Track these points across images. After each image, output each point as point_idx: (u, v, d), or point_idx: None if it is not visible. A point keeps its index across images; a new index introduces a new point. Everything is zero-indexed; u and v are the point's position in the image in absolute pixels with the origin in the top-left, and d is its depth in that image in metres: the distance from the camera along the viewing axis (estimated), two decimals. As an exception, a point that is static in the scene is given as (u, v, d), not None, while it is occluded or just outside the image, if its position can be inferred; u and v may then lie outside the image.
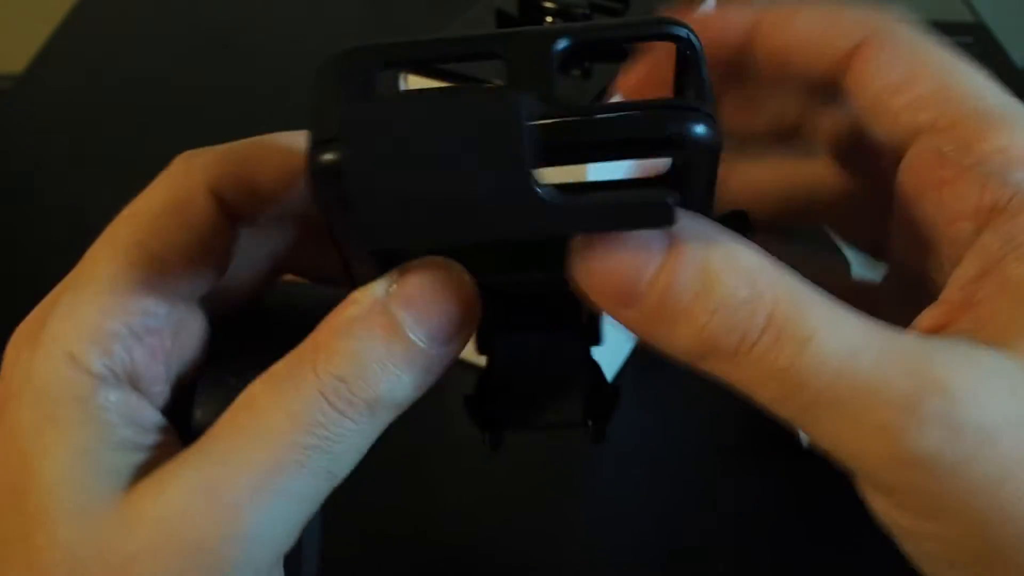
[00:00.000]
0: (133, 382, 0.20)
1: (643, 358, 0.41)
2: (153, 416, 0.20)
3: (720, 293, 0.16)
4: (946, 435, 0.15)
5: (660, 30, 0.17)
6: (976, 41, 0.47)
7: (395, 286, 0.18)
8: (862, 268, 0.23)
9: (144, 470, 0.19)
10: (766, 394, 0.16)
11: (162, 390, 0.20)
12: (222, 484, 0.18)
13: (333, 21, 0.65)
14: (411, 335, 0.18)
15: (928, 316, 0.17)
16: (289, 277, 0.23)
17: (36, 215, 0.51)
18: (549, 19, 0.32)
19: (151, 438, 0.19)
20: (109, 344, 0.19)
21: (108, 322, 0.19)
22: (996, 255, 0.17)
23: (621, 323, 0.17)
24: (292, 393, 0.18)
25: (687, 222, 0.16)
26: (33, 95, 0.60)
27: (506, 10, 0.33)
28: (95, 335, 0.19)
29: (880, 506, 0.17)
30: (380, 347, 0.18)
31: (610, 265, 0.16)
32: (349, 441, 0.18)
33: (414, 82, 0.32)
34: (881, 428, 0.15)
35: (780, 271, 0.16)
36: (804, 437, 0.36)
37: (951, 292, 0.17)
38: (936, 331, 0.17)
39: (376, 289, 0.18)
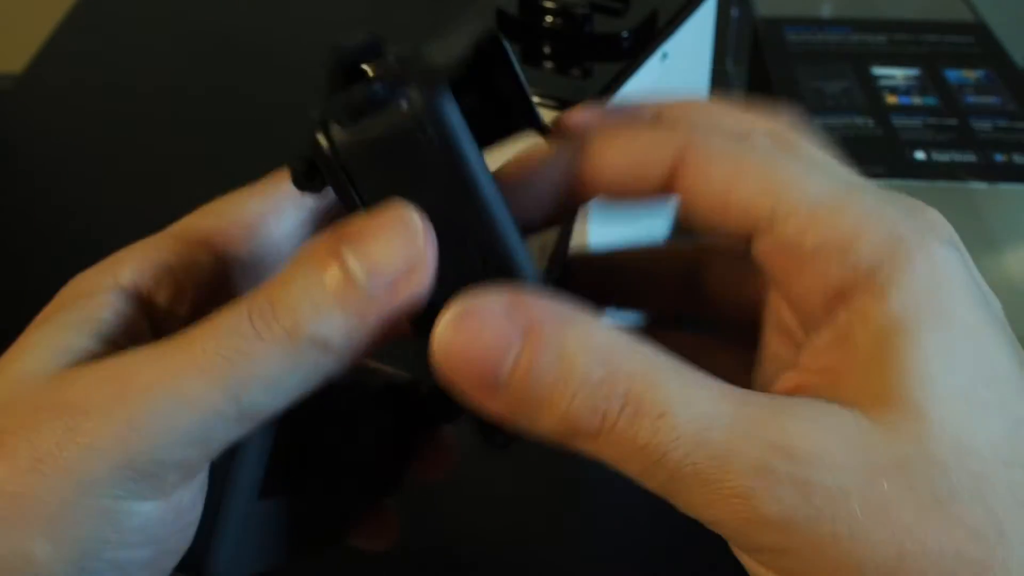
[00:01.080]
0: (148, 310, 0.21)
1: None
2: (146, 337, 0.21)
3: (578, 377, 0.16)
4: (795, 496, 0.16)
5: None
6: (976, 41, 0.47)
7: (347, 225, 0.18)
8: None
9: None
10: (632, 469, 0.17)
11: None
12: (125, 377, 0.18)
13: (333, 20, 0.65)
14: (350, 268, 0.18)
15: (786, 379, 0.18)
16: None
17: (36, 215, 0.51)
18: (549, 19, 0.32)
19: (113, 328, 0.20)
20: (144, 271, 0.21)
21: (155, 259, 0.21)
22: (844, 327, 0.17)
23: (489, 414, 0.17)
24: (225, 310, 0.18)
25: (543, 301, 0.17)
26: (33, 95, 0.60)
27: (506, 10, 0.33)
28: (138, 267, 0.21)
29: (750, 567, 0.17)
30: (312, 276, 0.18)
31: (470, 356, 0.16)
32: (260, 366, 0.18)
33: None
34: (736, 495, 0.16)
35: (633, 345, 0.17)
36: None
37: (806, 358, 0.18)
38: (792, 392, 0.17)
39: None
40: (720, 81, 0.65)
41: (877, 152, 0.38)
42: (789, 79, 0.44)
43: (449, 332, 0.17)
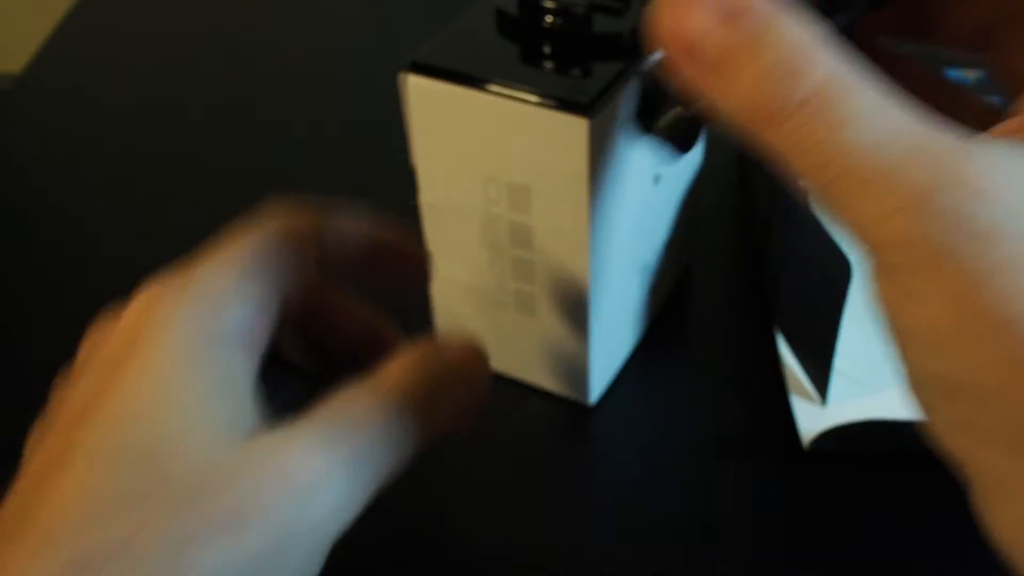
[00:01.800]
0: (251, 351, 0.23)
1: (646, 354, 0.41)
2: (253, 372, 0.23)
3: (769, 60, 0.17)
4: (954, 227, 0.16)
5: None
6: (976, 41, 0.47)
7: None
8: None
9: (252, 426, 0.22)
10: (801, 163, 0.18)
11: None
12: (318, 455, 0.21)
13: (333, 20, 0.65)
14: None
15: (1007, 123, 0.18)
16: None
17: (35, 215, 0.51)
18: (549, 19, 0.32)
19: (248, 397, 0.22)
20: (243, 313, 0.23)
21: (243, 294, 0.23)
22: None
23: (683, 78, 0.19)
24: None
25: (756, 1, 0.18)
26: (33, 95, 0.60)
27: (506, 10, 0.33)
28: (234, 302, 0.23)
29: (881, 288, 0.18)
30: None
31: (680, 21, 0.18)
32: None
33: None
34: (898, 210, 0.17)
35: (838, 54, 0.17)
36: (805, 437, 0.36)
37: None
38: (1005, 135, 0.18)
39: None
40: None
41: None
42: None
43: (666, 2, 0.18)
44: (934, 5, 0.24)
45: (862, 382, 0.39)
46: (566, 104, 0.30)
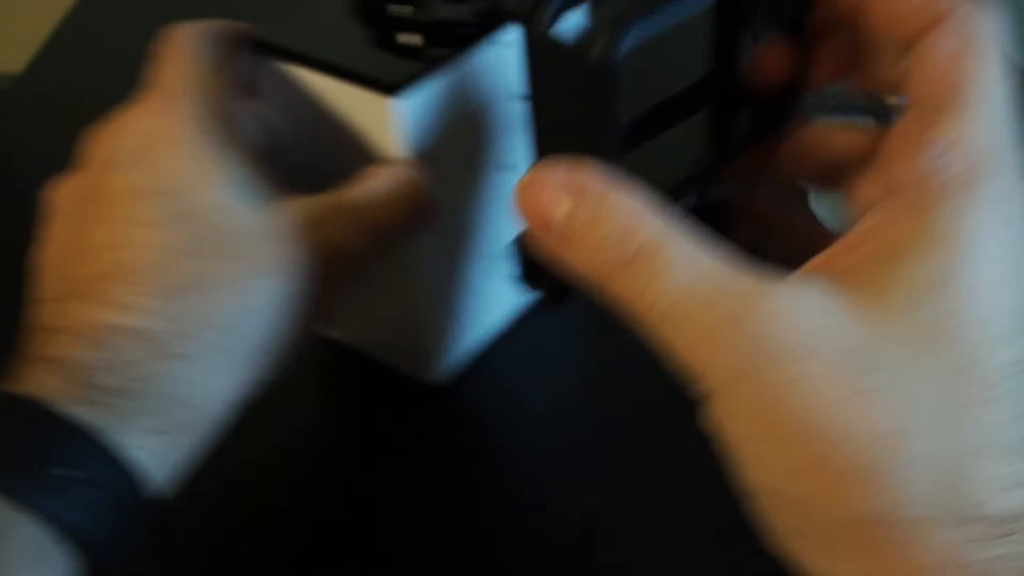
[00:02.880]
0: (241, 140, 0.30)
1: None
2: (248, 155, 0.30)
3: (603, 230, 0.21)
4: (746, 352, 0.19)
5: None
6: (976, 41, 0.47)
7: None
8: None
9: (267, 192, 0.29)
10: (637, 308, 0.21)
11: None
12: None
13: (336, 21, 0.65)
14: None
15: (820, 256, 0.21)
16: None
17: (35, 215, 0.51)
18: (393, 7, 0.34)
19: (256, 172, 0.30)
20: (222, 103, 0.31)
21: (217, 93, 0.31)
22: (890, 220, 0.20)
23: (543, 246, 0.22)
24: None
25: (593, 173, 0.22)
26: (33, 95, 0.60)
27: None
28: (214, 97, 0.31)
29: (710, 411, 0.21)
30: None
31: (536, 201, 0.22)
32: None
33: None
34: (707, 340, 0.20)
35: (659, 216, 0.21)
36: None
37: (845, 238, 0.21)
38: (817, 269, 0.21)
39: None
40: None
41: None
42: (789, 79, 0.44)
43: (524, 184, 0.22)
44: (792, 153, 0.27)
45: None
46: (375, 83, 0.32)
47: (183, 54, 0.32)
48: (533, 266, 0.24)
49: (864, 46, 0.25)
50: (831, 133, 0.27)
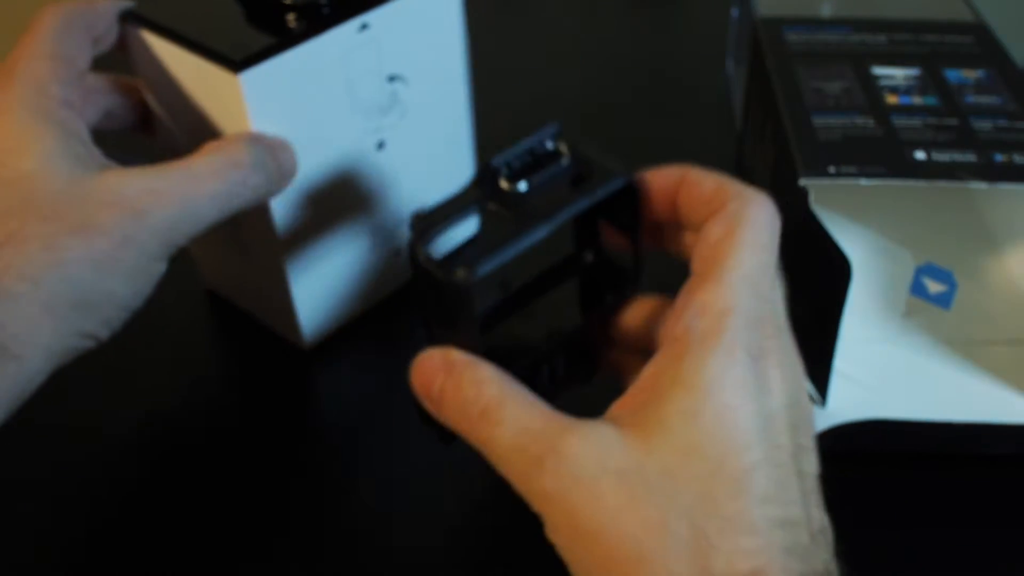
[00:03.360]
0: (79, 112, 0.34)
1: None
2: (87, 134, 0.34)
3: (462, 395, 0.28)
4: (555, 480, 0.25)
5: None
6: (976, 41, 0.47)
7: None
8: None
9: (100, 164, 0.33)
10: (485, 454, 0.27)
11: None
12: (160, 191, 0.33)
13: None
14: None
15: (618, 400, 0.28)
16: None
17: None
18: None
19: (90, 148, 0.34)
20: (62, 84, 0.34)
21: (57, 74, 0.34)
22: (660, 369, 0.27)
23: (428, 405, 0.29)
24: (219, 154, 0.35)
25: (461, 357, 0.29)
26: None
27: None
28: (53, 77, 0.34)
29: (545, 530, 0.26)
30: None
31: (423, 377, 0.29)
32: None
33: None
34: (525, 475, 0.26)
35: (500, 382, 0.28)
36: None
37: (635, 384, 0.27)
38: (615, 410, 0.27)
39: None
40: (720, 82, 0.65)
41: (877, 152, 0.38)
42: (789, 79, 0.44)
43: (415, 365, 0.30)
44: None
45: (862, 382, 0.39)
46: (223, 58, 0.34)
47: (36, 35, 0.35)
48: (428, 416, 0.30)
49: (674, 232, 0.32)
50: (647, 301, 0.33)
